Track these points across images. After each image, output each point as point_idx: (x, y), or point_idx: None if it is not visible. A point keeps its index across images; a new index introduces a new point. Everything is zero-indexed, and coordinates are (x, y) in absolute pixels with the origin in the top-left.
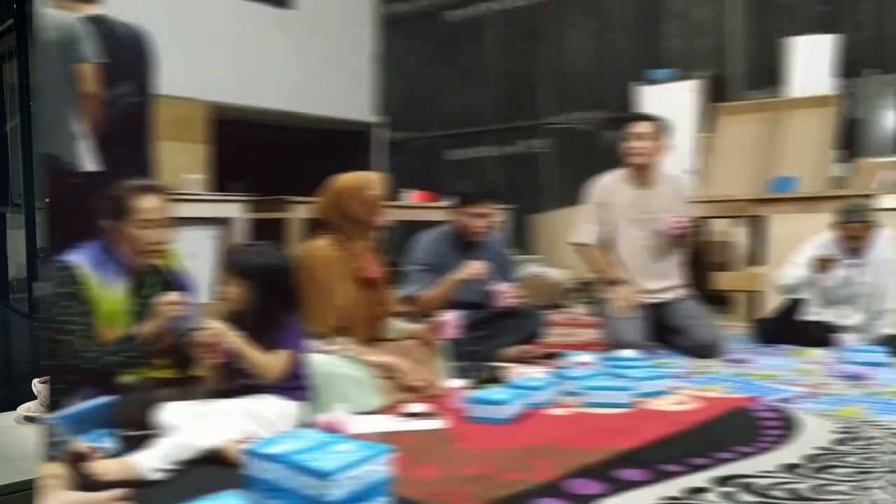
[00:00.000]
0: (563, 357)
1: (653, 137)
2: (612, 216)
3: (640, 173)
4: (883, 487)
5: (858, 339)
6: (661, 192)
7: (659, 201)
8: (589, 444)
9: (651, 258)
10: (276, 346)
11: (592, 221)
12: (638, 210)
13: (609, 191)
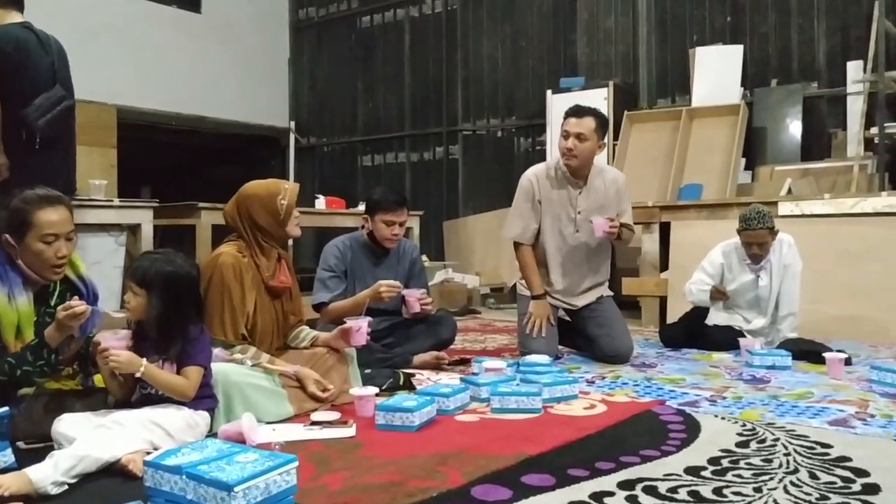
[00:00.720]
0: (475, 363)
1: (590, 136)
2: (544, 212)
3: (574, 172)
4: (779, 488)
5: (762, 343)
6: (595, 189)
7: (592, 199)
8: (497, 449)
9: (579, 258)
10: (185, 362)
11: (525, 217)
12: (570, 207)
13: (541, 186)
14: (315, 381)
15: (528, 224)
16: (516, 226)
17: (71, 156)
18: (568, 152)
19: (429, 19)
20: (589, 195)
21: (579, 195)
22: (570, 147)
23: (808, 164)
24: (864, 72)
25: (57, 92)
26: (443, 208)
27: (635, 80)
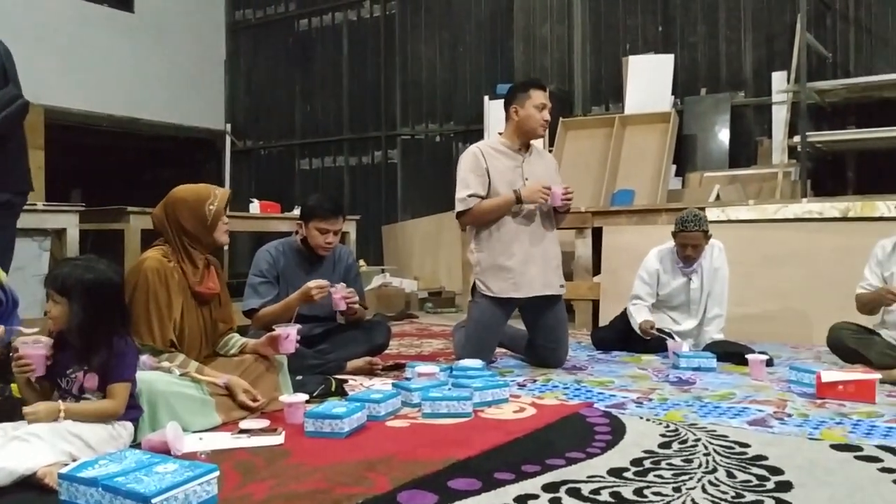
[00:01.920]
0: (409, 368)
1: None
2: (494, 182)
3: (524, 142)
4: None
5: (690, 345)
6: (535, 160)
7: (535, 168)
8: (426, 455)
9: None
10: (111, 378)
11: (473, 186)
12: (519, 177)
13: (487, 156)
14: (245, 391)
15: (477, 192)
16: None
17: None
18: (546, 124)
19: (367, 23)
20: (532, 164)
21: (524, 163)
22: (548, 119)
23: (735, 171)
24: (788, 82)
25: (10, 91)
26: (381, 212)
27: (570, 88)
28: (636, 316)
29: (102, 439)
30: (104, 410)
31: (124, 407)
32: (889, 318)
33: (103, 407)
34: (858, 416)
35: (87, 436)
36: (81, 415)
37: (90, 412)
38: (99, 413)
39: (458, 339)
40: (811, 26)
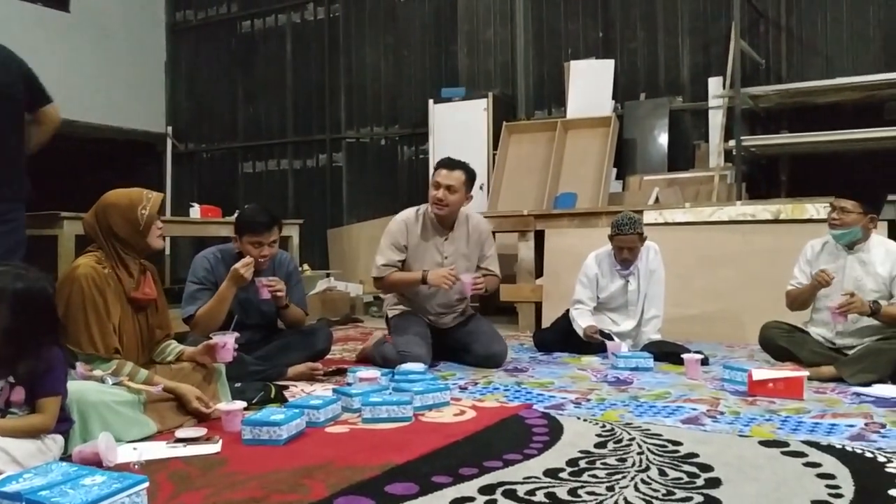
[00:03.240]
0: (350, 373)
1: (459, 189)
2: (411, 257)
3: (443, 219)
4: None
5: (628, 346)
6: (459, 236)
7: (457, 246)
8: (364, 460)
9: (448, 297)
10: (40, 392)
11: (388, 257)
12: (437, 253)
13: (410, 231)
14: (198, 398)
15: (392, 262)
16: (381, 265)
17: None
18: (439, 202)
19: (311, 25)
20: (454, 242)
21: (445, 241)
22: (441, 198)
23: (673, 175)
24: (724, 88)
25: None
26: (326, 216)
27: (514, 92)
28: (579, 321)
29: (29, 453)
30: (33, 427)
31: (55, 421)
32: (817, 316)
33: (31, 424)
34: (787, 412)
35: (13, 450)
36: (9, 432)
37: (19, 429)
38: (27, 430)
39: (389, 348)
40: (745, 33)
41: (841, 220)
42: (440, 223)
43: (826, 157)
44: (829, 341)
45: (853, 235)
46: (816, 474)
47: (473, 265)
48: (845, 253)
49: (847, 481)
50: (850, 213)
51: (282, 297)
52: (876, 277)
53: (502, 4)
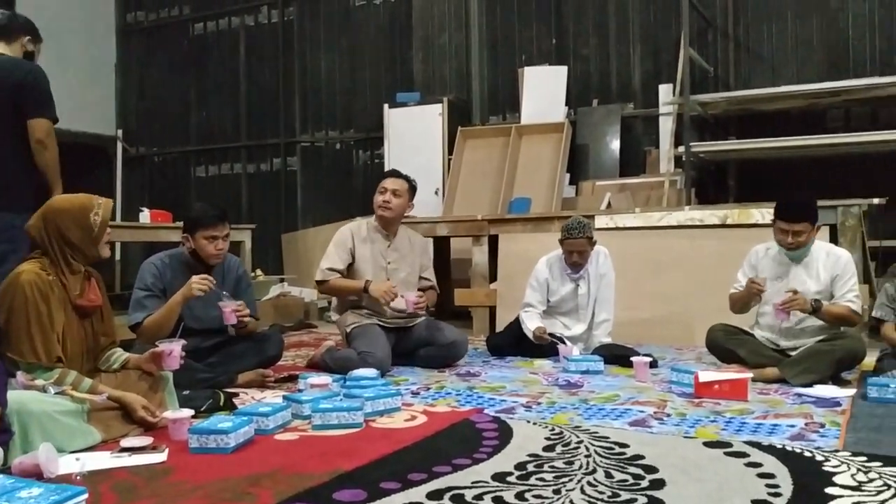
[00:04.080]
0: (301, 379)
1: (403, 194)
2: (358, 262)
3: (386, 225)
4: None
5: (580, 349)
6: (402, 244)
7: (400, 252)
8: (312, 467)
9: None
10: None
11: (334, 262)
12: (381, 259)
13: (356, 239)
14: (144, 407)
15: (337, 267)
16: (325, 268)
17: None
18: (385, 204)
19: (265, 29)
20: (397, 249)
21: (388, 248)
22: (387, 200)
23: (625, 180)
24: (673, 95)
25: None
26: (281, 221)
27: (469, 97)
28: (528, 323)
29: None
30: None
31: None
32: (762, 319)
33: None
34: (731, 413)
35: None
36: None
37: None
38: None
39: (348, 351)
40: (694, 42)
41: (797, 242)
42: (384, 228)
43: (772, 162)
44: (774, 343)
45: (808, 251)
46: (757, 474)
47: (415, 272)
48: (789, 260)
49: (786, 480)
50: (804, 233)
51: (248, 322)
52: (818, 280)
53: (457, 10)
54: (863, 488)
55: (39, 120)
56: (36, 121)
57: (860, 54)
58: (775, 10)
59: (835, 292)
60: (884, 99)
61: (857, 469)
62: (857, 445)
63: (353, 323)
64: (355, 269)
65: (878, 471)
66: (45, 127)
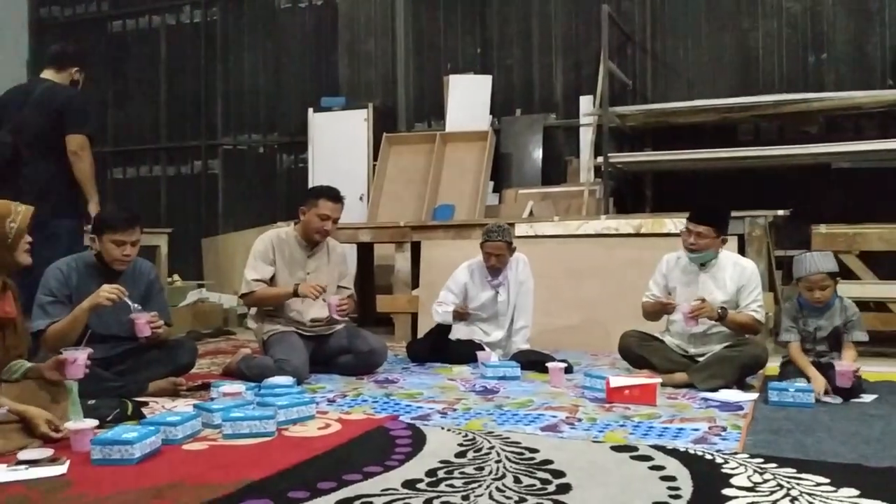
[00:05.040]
0: (213, 388)
1: (337, 219)
2: (278, 271)
3: (309, 239)
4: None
5: (499, 356)
6: (321, 255)
7: (318, 262)
8: (220, 478)
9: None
10: None
11: (259, 271)
12: (301, 270)
13: (276, 248)
14: (47, 421)
15: (261, 278)
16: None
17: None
18: (325, 232)
19: (187, 29)
20: (316, 259)
21: (308, 258)
22: (328, 230)
23: (547, 189)
24: (594, 106)
25: None
26: (201, 225)
27: (394, 103)
28: (442, 309)
29: None
30: None
31: None
32: (672, 326)
33: None
34: (640, 418)
35: None
36: None
37: None
38: None
39: (265, 359)
40: (614, 56)
41: (697, 244)
42: (305, 241)
43: (687, 174)
44: (683, 349)
45: (709, 256)
46: (660, 477)
47: (334, 281)
48: (697, 269)
49: (687, 482)
50: (705, 237)
51: (162, 332)
52: (725, 291)
53: (383, 17)
54: (757, 489)
55: (75, 135)
56: (71, 136)
57: (769, 71)
58: (691, 27)
59: (740, 302)
60: (790, 115)
61: (753, 470)
62: (756, 448)
63: (271, 330)
64: (275, 278)
65: (773, 472)
66: (80, 141)
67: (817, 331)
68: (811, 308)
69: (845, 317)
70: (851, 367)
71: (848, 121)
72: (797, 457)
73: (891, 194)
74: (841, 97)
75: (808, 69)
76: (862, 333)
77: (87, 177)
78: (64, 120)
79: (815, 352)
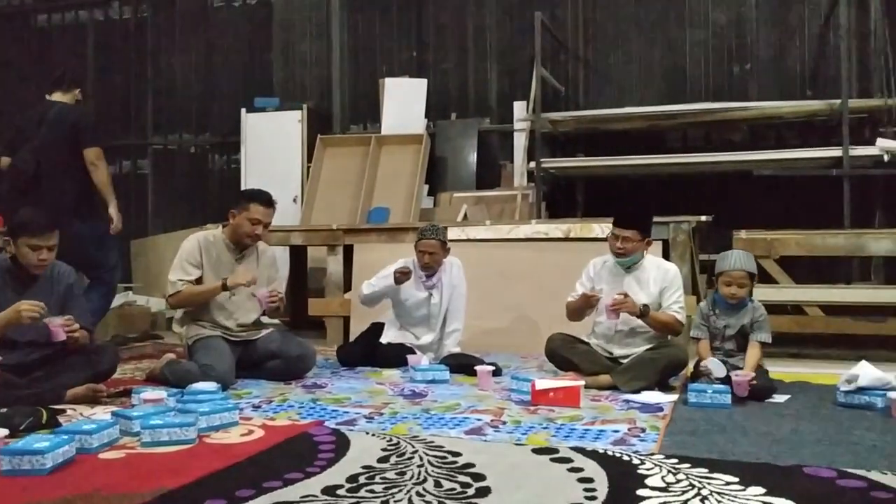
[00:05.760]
0: (134, 394)
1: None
2: (206, 273)
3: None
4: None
5: (430, 359)
6: (251, 258)
7: (248, 266)
8: (135, 487)
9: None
10: None
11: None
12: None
13: (204, 249)
14: None
15: (186, 278)
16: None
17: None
18: (256, 236)
19: (116, 25)
20: (245, 262)
21: (236, 260)
22: (259, 234)
23: (481, 193)
24: (527, 112)
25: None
26: (130, 226)
27: (329, 105)
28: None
29: None
30: None
31: None
32: (597, 328)
33: None
34: (563, 420)
35: None
36: None
37: None
38: None
39: (189, 364)
40: (547, 62)
41: (625, 248)
42: (234, 244)
43: (617, 179)
44: (608, 351)
45: (635, 259)
46: (578, 478)
47: (264, 285)
48: (623, 272)
49: (603, 484)
50: (631, 241)
51: (80, 336)
52: (649, 293)
53: (318, 18)
54: (670, 489)
55: (91, 148)
56: (88, 149)
57: (696, 81)
58: (622, 36)
59: (662, 303)
60: (716, 123)
61: (667, 471)
62: (672, 448)
63: (196, 335)
64: (201, 280)
65: (686, 472)
66: (96, 152)
67: (726, 328)
68: (725, 306)
69: (753, 317)
70: (747, 376)
71: (770, 130)
72: (710, 457)
73: (809, 201)
74: (763, 107)
75: (734, 79)
76: (766, 335)
77: (105, 183)
78: (78, 136)
79: (723, 350)
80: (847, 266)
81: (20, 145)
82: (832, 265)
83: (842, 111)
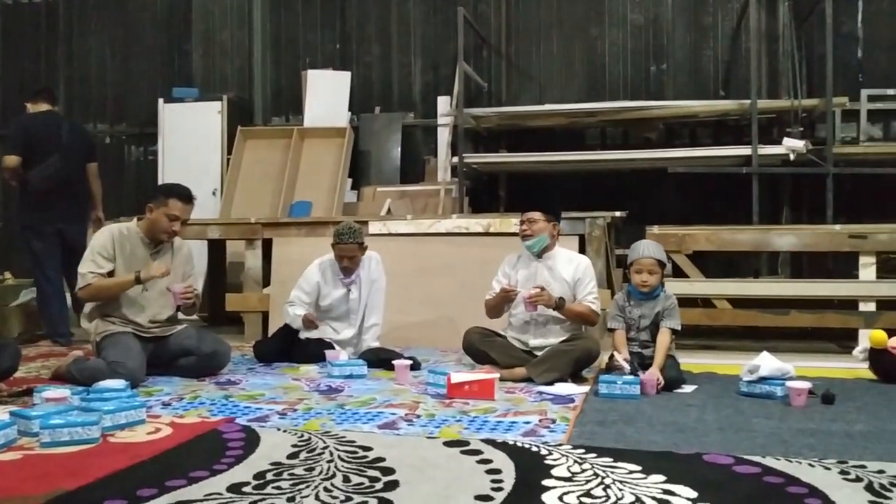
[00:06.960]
0: (36, 393)
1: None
2: (119, 269)
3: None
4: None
5: (349, 354)
6: (165, 253)
7: (163, 261)
8: (30, 489)
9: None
10: None
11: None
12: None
13: (117, 243)
14: None
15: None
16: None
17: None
18: (173, 233)
19: (25, 9)
20: (160, 258)
21: (151, 255)
22: (177, 230)
23: (405, 187)
24: (450, 107)
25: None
26: None
27: (251, 96)
28: (293, 311)
29: None
30: None
31: None
32: (513, 320)
33: None
34: (476, 412)
35: None
36: None
37: None
38: None
39: (97, 362)
40: (470, 58)
41: (531, 230)
42: (149, 239)
43: (539, 175)
44: (524, 343)
45: (542, 242)
46: (486, 470)
47: (178, 281)
48: (536, 262)
49: (510, 475)
50: (537, 222)
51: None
52: (562, 282)
53: (239, 7)
54: (575, 479)
55: (94, 163)
56: (92, 164)
57: (615, 79)
58: (543, 33)
59: (577, 294)
60: (633, 121)
61: (574, 461)
62: (580, 439)
63: (105, 331)
64: (113, 274)
65: (592, 461)
66: (97, 166)
67: (641, 319)
68: (639, 296)
69: (664, 305)
70: (654, 376)
71: (685, 128)
72: (616, 446)
73: (721, 198)
74: (678, 106)
75: (651, 78)
76: (676, 321)
77: (100, 193)
78: (90, 150)
79: (638, 341)
80: (756, 261)
81: (40, 151)
82: (743, 260)
83: (752, 111)
